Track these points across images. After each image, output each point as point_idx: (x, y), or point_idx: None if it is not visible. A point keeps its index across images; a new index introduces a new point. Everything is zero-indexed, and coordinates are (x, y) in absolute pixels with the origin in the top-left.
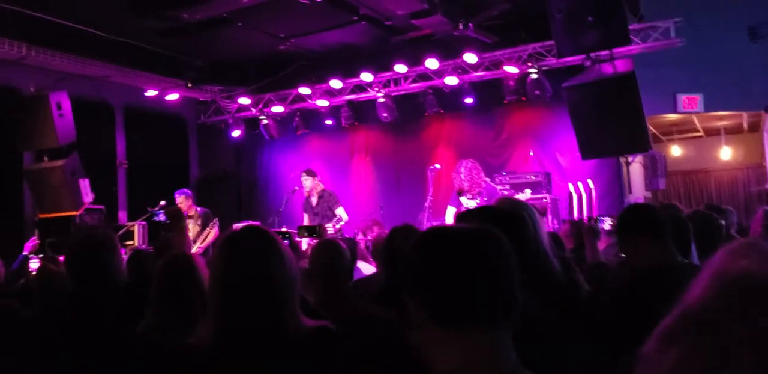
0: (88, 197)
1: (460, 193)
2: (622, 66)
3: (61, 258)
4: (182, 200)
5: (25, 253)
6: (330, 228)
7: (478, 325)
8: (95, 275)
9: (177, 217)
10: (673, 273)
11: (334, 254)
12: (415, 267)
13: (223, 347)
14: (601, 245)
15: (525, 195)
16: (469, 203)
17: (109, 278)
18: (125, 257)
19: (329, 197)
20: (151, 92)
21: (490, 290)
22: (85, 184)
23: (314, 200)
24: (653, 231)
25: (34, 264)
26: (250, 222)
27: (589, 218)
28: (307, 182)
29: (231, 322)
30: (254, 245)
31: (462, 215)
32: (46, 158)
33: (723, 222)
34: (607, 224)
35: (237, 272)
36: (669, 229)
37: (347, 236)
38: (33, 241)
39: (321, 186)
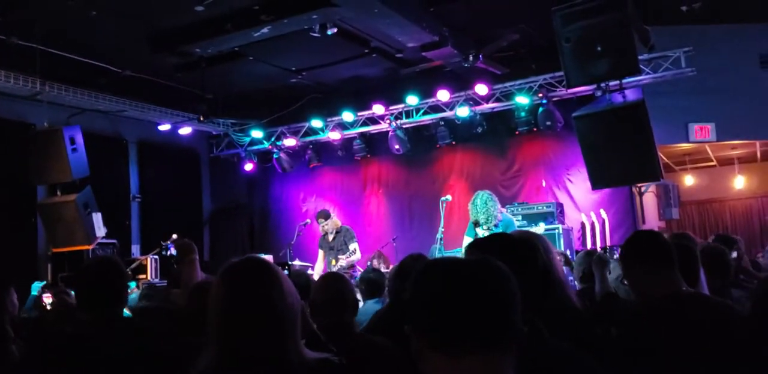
0: (101, 231)
1: (476, 224)
2: (631, 95)
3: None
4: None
5: (35, 294)
6: (342, 261)
7: (476, 351)
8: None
9: (187, 249)
10: (680, 302)
11: (338, 286)
12: (414, 297)
13: None
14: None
15: (539, 229)
16: (485, 234)
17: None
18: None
19: (346, 232)
20: (164, 126)
21: (484, 317)
22: (98, 218)
23: (331, 236)
24: (657, 258)
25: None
26: (261, 255)
27: (602, 248)
28: (327, 226)
29: (231, 354)
30: (253, 276)
31: (470, 245)
32: (59, 193)
33: (735, 254)
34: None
35: (236, 304)
36: (674, 256)
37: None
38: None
39: (338, 223)
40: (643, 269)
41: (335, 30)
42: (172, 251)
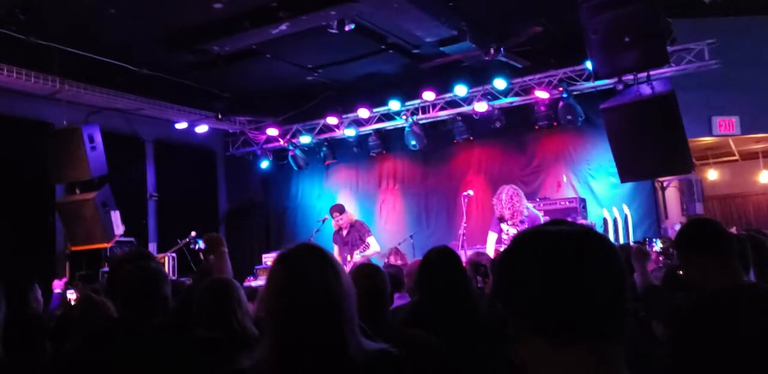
0: (119, 229)
1: (502, 219)
2: (659, 87)
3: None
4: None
5: (57, 290)
6: (357, 255)
7: (586, 337)
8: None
9: (216, 242)
10: (743, 294)
11: (374, 278)
12: (513, 272)
13: (283, 370)
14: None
15: None
16: (510, 230)
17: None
18: None
19: (360, 226)
20: (180, 125)
21: (600, 297)
22: (116, 216)
23: (345, 231)
24: (718, 248)
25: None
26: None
27: (638, 241)
28: (342, 220)
29: (291, 343)
30: (311, 261)
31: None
32: (77, 191)
33: None
34: (657, 246)
35: (295, 290)
36: (735, 246)
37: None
38: (62, 280)
39: (353, 218)
40: (706, 260)
41: (353, 26)
42: (201, 244)
